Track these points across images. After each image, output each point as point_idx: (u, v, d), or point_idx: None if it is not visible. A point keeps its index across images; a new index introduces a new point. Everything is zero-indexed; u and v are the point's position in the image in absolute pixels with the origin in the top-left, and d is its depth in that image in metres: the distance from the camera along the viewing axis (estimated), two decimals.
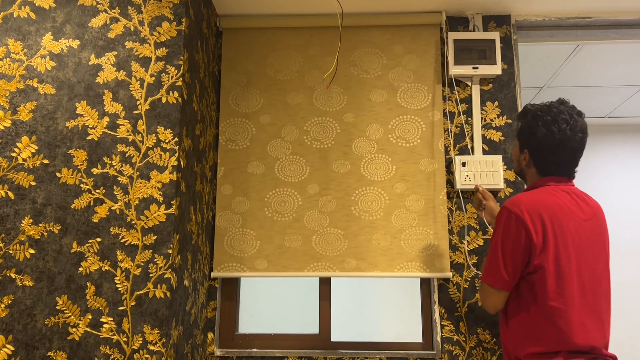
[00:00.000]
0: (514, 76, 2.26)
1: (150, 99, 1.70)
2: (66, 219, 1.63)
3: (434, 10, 2.27)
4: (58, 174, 1.66)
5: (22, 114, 1.70)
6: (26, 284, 1.60)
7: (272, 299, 2.63)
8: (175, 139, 1.68)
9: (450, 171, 2.20)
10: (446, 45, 2.25)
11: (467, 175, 2.14)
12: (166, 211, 1.63)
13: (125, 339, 1.56)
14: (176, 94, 1.71)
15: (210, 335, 2.13)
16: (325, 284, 2.20)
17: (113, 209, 1.64)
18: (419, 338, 2.14)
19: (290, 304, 2.70)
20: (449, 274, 2.09)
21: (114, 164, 1.66)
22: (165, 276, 1.59)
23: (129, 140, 1.68)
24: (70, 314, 1.58)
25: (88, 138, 1.68)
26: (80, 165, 1.67)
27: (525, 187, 1.57)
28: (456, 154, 2.21)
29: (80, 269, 1.60)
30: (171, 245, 1.61)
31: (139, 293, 1.59)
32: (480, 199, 1.87)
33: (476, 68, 2.20)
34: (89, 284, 1.59)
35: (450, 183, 2.20)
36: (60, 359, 1.55)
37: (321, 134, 2.24)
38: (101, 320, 1.57)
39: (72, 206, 1.64)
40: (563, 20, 2.32)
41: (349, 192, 2.19)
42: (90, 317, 1.58)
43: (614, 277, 1.53)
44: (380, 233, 2.14)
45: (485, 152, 2.21)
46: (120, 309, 1.58)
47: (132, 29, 1.75)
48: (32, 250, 1.62)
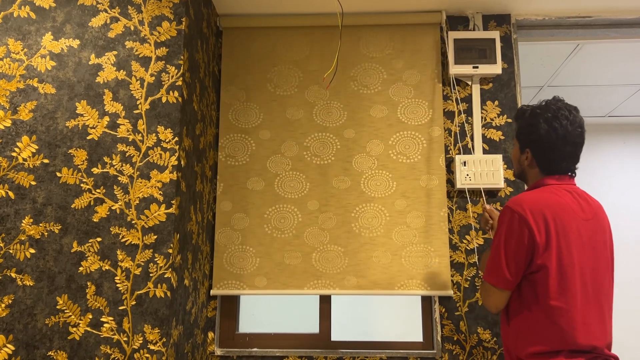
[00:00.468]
0: (514, 75, 2.26)
1: (150, 99, 1.70)
2: (66, 219, 1.63)
3: (434, 10, 2.27)
4: (58, 174, 1.66)
5: (22, 113, 1.70)
6: (26, 284, 1.60)
7: (273, 299, 2.63)
8: (176, 139, 1.68)
9: (450, 170, 2.20)
10: (446, 44, 2.25)
11: (468, 175, 2.14)
12: (166, 211, 1.63)
13: (125, 339, 1.56)
14: (176, 94, 1.70)
15: (210, 334, 2.13)
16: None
17: (113, 208, 1.64)
18: (419, 337, 2.14)
19: (290, 303, 2.70)
20: (450, 292, 2.08)
21: (114, 164, 1.66)
22: (165, 276, 1.59)
23: (129, 140, 1.68)
24: (70, 314, 1.58)
25: (88, 138, 1.68)
26: (81, 164, 1.67)
27: (527, 187, 1.56)
28: (456, 153, 2.21)
29: (81, 269, 1.61)
30: (171, 245, 1.61)
31: (139, 292, 1.59)
32: (487, 218, 1.81)
33: (476, 67, 2.20)
34: (89, 283, 1.59)
35: (450, 182, 2.19)
36: (61, 359, 1.55)
37: (321, 149, 2.23)
38: (101, 319, 1.57)
39: (73, 206, 1.64)
40: (563, 20, 2.32)
41: (349, 209, 2.17)
42: (90, 317, 1.58)
43: (614, 277, 1.53)
44: (380, 250, 2.13)
45: (485, 152, 2.21)
46: (120, 308, 1.58)
47: (132, 28, 1.75)
48: (33, 250, 1.62)
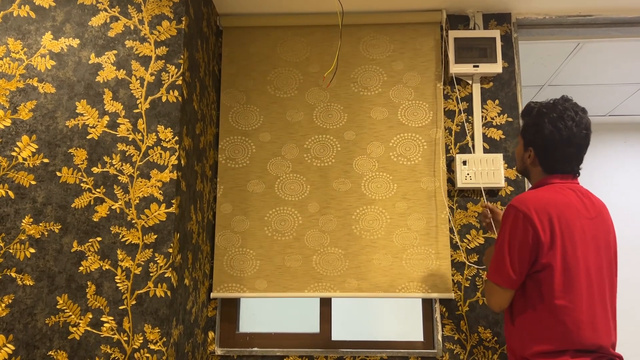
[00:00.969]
0: (514, 74, 2.26)
1: (150, 98, 1.70)
2: (66, 218, 1.63)
3: (434, 9, 2.27)
4: (58, 173, 1.66)
5: (22, 113, 1.69)
6: (26, 284, 1.59)
7: (273, 299, 2.62)
8: (176, 138, 1.67)
9: (451, 170, 2.20)
10: (447, 43, 2.25)
11: (468, 174, 2.13)
12: (166, 210, 1.63)
13: (125, 338, 1.56)
14: (176, 93, 1.70)
15: (210, 334, 2.13)
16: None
17: (113, 208, 1.64)
18: (420, 337, 2.14)
19: (291, 303, 2.70)
20: (451, 295, 2.07)
21: (114, 163, 1.66)
22: (165, 275, 1.59)
23: (129, 139, 1.68)
24: (70, 313, 1.58)
25: (88, 137, 1.68)
26: (81, 164, 1.66)
27: (531, 186, 1.56)
28: (457, 153, 2.21)
29: (81, 268, 1.60)
30: (171, 244, 1.61)
31: (139, 292, 1.58)
32: (486, 213, 1.79)
33: (477, 66, 2.20)
34: (89, 283, 1.59)
35: (451, 181, 2.19)
36: (61, 359, 1.55)
37: (321, 152, 2.22)
38: (102, 319, 1.57)
39: (73, 205, 1.64)
40: (564, 19, 2.31)
41: (350, 211, 2.16)
42: (90, 317, 1.57)
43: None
44: (381, 253, 2.12)
45: (485, 151, 2.20)
46: (120, 308, 1.58)
47: (132, 27, 1.75)
48: (33, 250, 1.61)
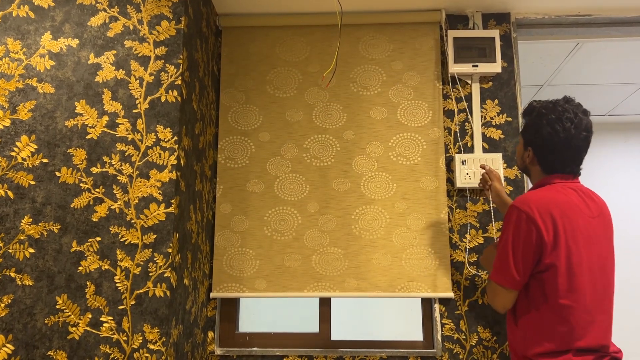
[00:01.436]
0: (514, 74, 2.26)
1: (149, 98, 1.70)
2: (66, 218, 1.63)
3: (433, 8, 2.27)
4: (57, 173, 1.66)
5: (22, 113, 1.69)
6: (26, 283, 1.59)
7: (273, 298, 2.63)
8: (175, 138, 1.68)
9: (450, 169, 2.20)
10: (446, 43, 2.25)
11: (467, 174, 2.13)
12: (166, 210, 1.63)
13: (125, 338, 1.56)
14: (175, 93, 1.70)
15: (210, 334, 2.13)
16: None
17: (113, 208, 1.64)
18: (419, 336, 2.14)
19: (290, 302, 2.70)
20: (450, 294, 2.07)
21: (113, 163, 1.66)
22: (165, 275, 1.59)
23: (129, 139, 1.68)
24: (70, 313, 1.58)
25: (87, 137, 1.68)
26: (80, 164, 1.66)
27: (532, 185, 1.56)
28: (456, 152, 2.21)
29: (80, 268, 1.60)
30: (171, 244, 1.61)
31: (138, 292, 1.58)
32: (487, 179, 1.87)
33: (476, 66, 2.19)
34: (88, 283, 1.59)
35: (450, 181, 2.19)
36: (60, 358, 1.55)
37: (321, 151, 2.21)
38: (101, 319, 1.57)
39: (72, 205, 1.64)
40: (563, 18, 2.31)
41: (349, 211, 2.16)
42: (90, 316, 1.57)
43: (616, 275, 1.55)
44: (380, 252, 2.12)
45: (485, 150, 2.20)
46: (120, 308, 1.58)
47: (131, 27, 1.75)
48: (32, 250, 1.62)
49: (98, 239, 1.62)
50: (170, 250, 1.60)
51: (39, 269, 1.60)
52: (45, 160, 1.67)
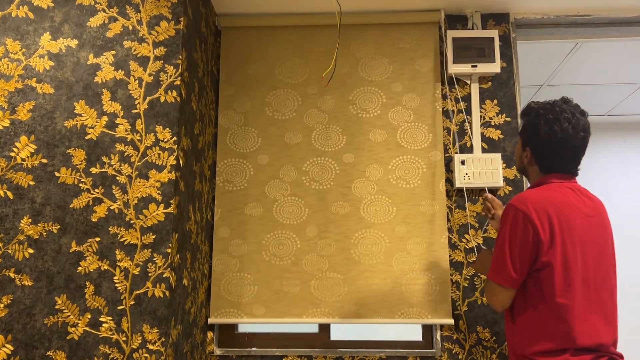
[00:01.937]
0: (513, 74, 2.26)
1: (148, 98, 1.70)
2: (65, 219, 1.63)
3: (432, 9, 2.27)
4: (57, 174, 1.66)
5: (21, 113, 1.70)
6: (25, 284, 1.60)
7: None
8: (174, 138, 1.68)
9: (449, 169, 2.20)
10: (445, 43, 2.25)
11: (467, 174, 2.14)
12: (165, 210, 1.63)
13: (124, 338, 1.56)
14: (175, 93, 1.70)
15: (209, 334, 2.13)
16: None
17: (112, 208, 1.64)
18: (418, 336, 2.14)
19: None
20: (450, 321, 2.05)
21: (112, 164, 1.66)
22: (164, 275, 1.59)
23: (128, 140, 1.68)
24: (69, 314, 1.58)
25: (87, 137, 1.68)
26: (79, 164, 1.66)
27: (529, 185, 1.56)
28: (455, 152, 2.21)
29: (79, 269, 1.60)
30: (170, 245, 1.61)
31: (138, 292, 1.58)
32: (489, 207, 1.83)
33: (475, 66, 2.20)
34: (88, 283, 1.59)
35: (449, 181, 2.19)
36: (60, 359, 1.55)
37: (320, 174, 2.19)
38: (100, 319, 1.57)
39: (71, 206, 1.64)
40: (562, 18, 2.32)
41: (349, 235, 2.14)
42: (89, 317, 1.58)
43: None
44: (380, 278, 2.10)
45: (484, 150, 2.21)
46: (119, 308, 1.58)
47: (131, 28, 1.75)
48: (31, 250, 1.62)
49: (97, 239, 1.62)
50: (169, 250, 1.60)
51: (38, 269, 1.60)
52: (44, 161, 1.67)
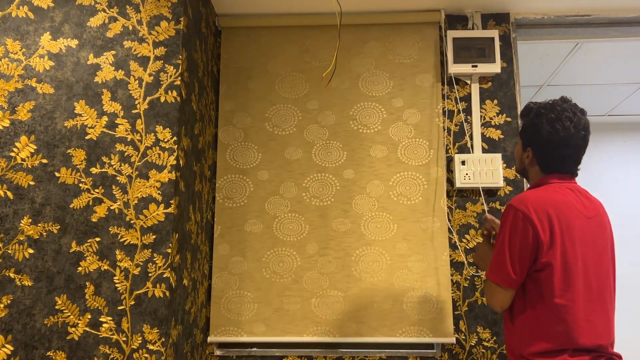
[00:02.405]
0: (513, 74, 2.26)
1: (149, 98, 1.70)
2: (65, 219, 1.63)
3: (433, 9, 2.27)
4: (57, 174, 1.66)
5: (21, 113, 1.69)
6: (25, 284, 1.59)
7: None
8: (174, 138, 1.68)
9: (449, 169, 2.20)
10: (445, 43, 2.25)
11: (467, 174, 2.13)
12: (165, 210, 1.63)
13: (124, 339, 1.56)
14: (175, 93, 1.70)
15: (210, 328, 2.13)
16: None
17: (112, 208, 1.64)
18: None
19: None
20: (452, 339, 2.03)
21: (112, 164, 1.66)
22: (164, 275, 1.59)
23: (128, 140, 1.68)
24: (69, 314, 1.58)
25: (87, 137, 1.68)
26: (79, 164, 1.66)
27: (529, 185, 1.56)
28: (456, 153, 2.21)
29: (80, 269, 1.60)
30: (170, 245, 1.61)
31: (138, 292, 1.58)
32: (490, 228, 1.79)
33: (475, 66, 2.20)
34: (88, 283, 1.59)
35: (449, 181, 2.19)
36: (60, 359, 1.55)
37: (320, 190, 2.17)
38: (100, 319, 1.57)
39: (71, 206, 1.64)
40: (562, 18, 2.32)
41: (349, 252, 2.12)
42: (89, 317, 1.57)
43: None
44: (381, 295, 2.08)
45: (484, 151, 2.21)
46: (119, 308, 1.58)
47: (131, 28, 1.75)
48: (31, 250, 1.61)
49: (97, 239, 1.62)
50: (169, 250, 1.60)
51: (39, 269, 1.60)
52: (44, 161, 1.67)
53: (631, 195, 3.99)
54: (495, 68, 2.19)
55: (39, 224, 1.63)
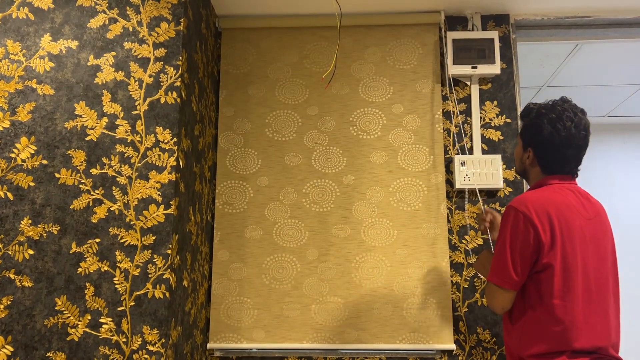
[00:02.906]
0: (512, 75, 2.27)
1: (149, 100, 1.70)
2: (65, 220, 1.63)
3: (432, 10, 2.27)
4: (57, 175, 1.66)
5: (21, 114, 1.70)
6: (25, 285, 1.60)
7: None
8: (174, 140, 1.68)
9: (449, 171, 2.20)
10: (445, 44, 2.25)
11: (467, 175, 2.14)
12: (165, 211, 1.63)
13: (124, 340, 1.56)
14: (175, 95, 1.71)
15: (210, 335, 2.13)
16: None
17: (112, 209, 1.64)
18: None
19: None
20: (452, 346, 2.03)
21: (112, 165, 1.66)
22: (164, 276, 1.59)
23: (128, 141, 1.68)
24: (69, 315, 1.58)
25: (87, 139, 1.68)
26: (79, 165, 1.67)
27: (529, 187, 1.56)
28: (455, 154, 2.21)
29: (80, 270, 1.60)
30: (170, 246, 1.61)
31: (138, 293, 1.58)
32: (484, 218, 1.79)
33: (475, 67, 2.20)
34: (88, 284, 1.59)
35: (449, 182, 2.19)
36: None
37: (320, 196, 2.17)
38: (100, 320, 1.57)
39: (71, 207, 1.64)
40: (562, 20, 2.32)
41: (349, 258, 2.11)
42: (89, 318, 1.58)
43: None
44: (381, 302, 2.07)
45: (484, 152, 2.21)
46: (119, 309, 1.58)
47: (131, 29, 1.75)
48: (32, 251, 1.62)
49: (97, 240, 1.62)
50: (169, 251, 1.60)
51: (39, 270, 1.60)
52: (44, 162, 1.67)
53: (631, 196, 3.98)
54: (495, 69, 2.19)
55: (39, 225, 1.63)
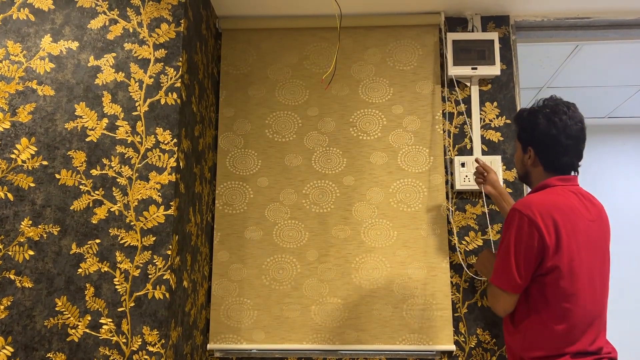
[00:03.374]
0: (513, 77, 2.27)
1: (149, 101, 1.71)
2: (65, 221, 1.63)
3: (432, 11, 2.28)
4: (57, 176, 1.66)
5: (22, 115, 1.70)
6: (25, 286, 1.60)
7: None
8: (174, 140, 1.68)
9: (449, 172, 2.20)
10: (445, 45, 2.25)
11: (467, 176, 2.14)
12: (165, 212, 1.63)
13: (124, 340, 1.56)
14: (175, 95, 1.71)
15: (210, 335, 2.13)
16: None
17: (112, 210, 1.64)
18: None
19: None
20: (452, 347, 2.03)
21: (113, 166, 1.67)
22: (164, 277, 1.59)
23: (128, 142, 1.68)
24: (69, 315, 1.58)
25: (87, 139, 1.68)
26: (80, 166, 1.67)
27: (532, 189, 1.56)
28: (455, 155, 2.21)
29: (80, 270, 1.61)
30: (170, 247, 1.61)
31: (138, 294, 1.59)
32: (482, 172, 1.86)
33: (475, 69, 2.20)
34: (88, 285, 1.60)
35: (449, 184, 2.19)
36: None
37: (320, 197, 2.17)
38: (100, 321, 1.57)
39: (72, 207, 1.64)
40: (562, 21, 2.32)
41: (349, 259, 2.11)
42: (89, 319, 1.58)
43: (614, 278, 1.56)
44: (381, 303, 2.07)
45: (484, 153, 2.21)
46: (119, 310, 1.58)
47: (131, 30, 1.75)
48: (32, 252, 1.62)
49: (97, 241, 1.62)
50: (169, 252, 1.61)
51: (39, 271, 1.60)
52: (45, 163, 1.67)
53: (631, 197, 3.98)
54: (495, 70, 2.20)
55: (39, 226, 1.63)
